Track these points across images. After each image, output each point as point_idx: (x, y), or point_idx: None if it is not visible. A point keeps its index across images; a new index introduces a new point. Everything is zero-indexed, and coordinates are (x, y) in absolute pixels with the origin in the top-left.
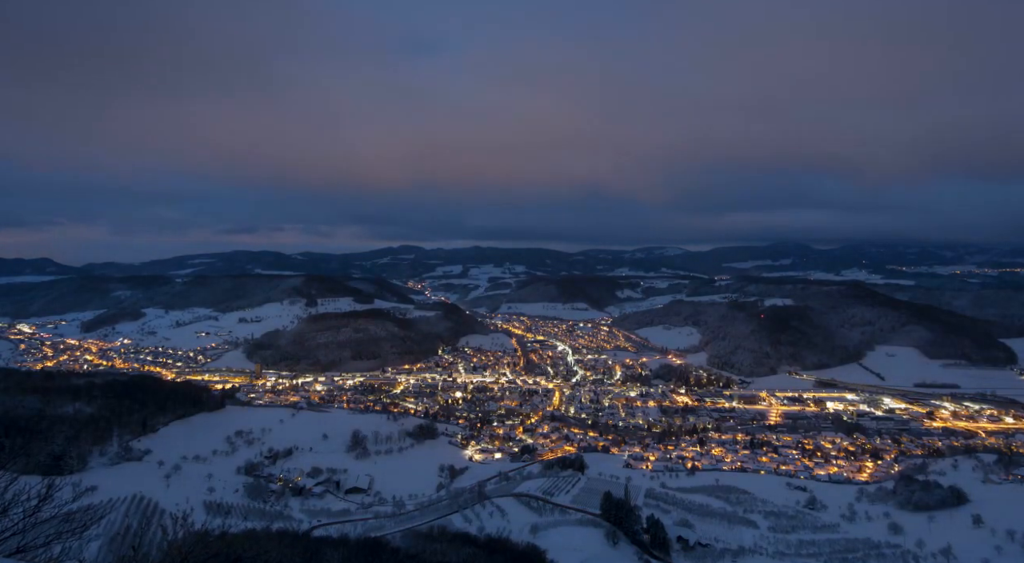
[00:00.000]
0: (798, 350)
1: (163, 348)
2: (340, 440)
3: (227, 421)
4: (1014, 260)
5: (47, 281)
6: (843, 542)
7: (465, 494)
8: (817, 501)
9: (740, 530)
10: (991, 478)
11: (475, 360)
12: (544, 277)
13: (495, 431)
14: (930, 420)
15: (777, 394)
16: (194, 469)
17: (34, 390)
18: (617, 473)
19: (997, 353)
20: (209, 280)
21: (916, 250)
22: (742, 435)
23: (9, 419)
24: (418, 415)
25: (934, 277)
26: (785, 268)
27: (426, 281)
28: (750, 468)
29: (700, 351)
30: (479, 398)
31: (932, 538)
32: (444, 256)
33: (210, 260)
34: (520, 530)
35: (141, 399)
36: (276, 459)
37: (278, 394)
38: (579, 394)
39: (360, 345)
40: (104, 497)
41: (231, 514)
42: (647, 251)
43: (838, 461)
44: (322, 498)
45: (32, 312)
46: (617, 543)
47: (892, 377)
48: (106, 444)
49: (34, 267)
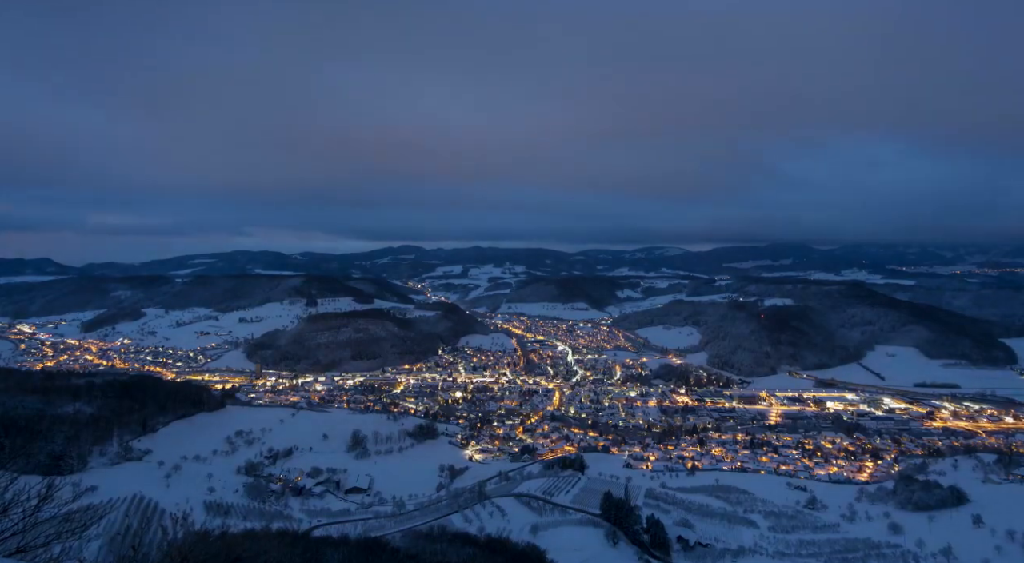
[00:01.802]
0: (798, 350)
1: (163, 348)
2: (340, 440)
3: (227, 421)
4: (1014, 260)
5: (47, 281)
6: (843, 542)
7: (465, 494)
8: (817, 501)
9: (740, 530)
10: (991, 478)
11: (475, 360)
12: (544, 277)
13: (495, 431)
14: (930, 420)
15: (777, 394)
16: (194, 469)
17: (34, 390)
18: (617, 473)
19: (997, 353)
20: (209, 280)
21: (916, 250)
22: (742, 435)
23: (9, 419)
24: (418, 415)
25: (934, 277)
26: (785, 268)
27: (426, 281)
28: (750, 468)
29: (700, 351)
30: (479, 398)
31: (932, 538)
32: (444, 256)
33: (210, 260)
34: (520, 530)
35: (141, 399)
36: (276, 459)
37: (278, 394)
38: (579, 394)
39: (360, 345)
40: (104, 497)
41: (231, 514)
42: (647, 251)
43: (838, 461)
44: (322, 498)
45: (32, 312)
46: (617, 543)
47: (892, 377)
48: (106, 444)
49: (34, 267)
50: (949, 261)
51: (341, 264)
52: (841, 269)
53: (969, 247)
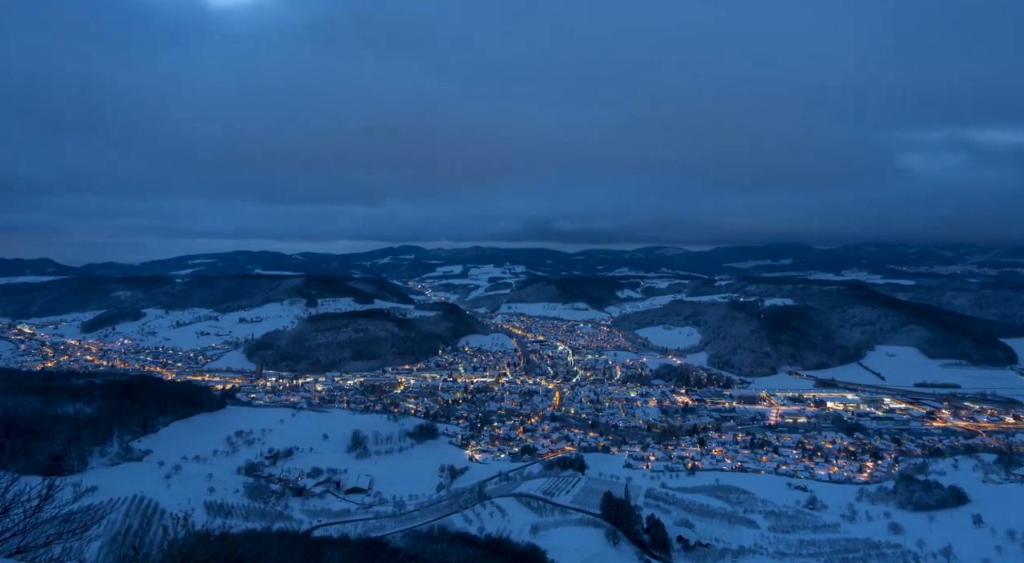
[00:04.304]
0: (798, 350)
1: (163, 348)
2: (340, 440)
3: (227, 421)
4: (1014, 260)
5: (47, 281)
6: (843, 542)
7: (465, 494)
8: (817, 501)
9: (740, 530)
10: (991, 478)
11: (475, 360)
12: (544, 277)
13: (495, 431)
14: (930, 420)
15: (777, 394)
16: (194, 469)
17: (34, 390)
18: (617, 473)
19: (997, 353)
20: (209, 280)
21: (916, 250)
22: (742, 435)
23: (9, 419)
24: (418, 415)
25: (934, 277)
26: (785, 268)
27: (426, 281)
28: (750, 468)
29: (700, 351)
30: (479, 398)
31: (932, 538)
32: (444, 256)
33: (210, 260)
34: (520, 530)
35: (141, 399)
36: (276, 459)
37: (278, 394)
38: (579, 394)
39: (360, 345)
40: (104, 497)
41: (231, 514)
42: (647, 251)
43: (838, 461)
44: (322, 498)
45: (32, 312)
46: (617, 543)
47: (892, 377)
48: (106, 444)
49: (34, 267)
50: (949, 261)
51: (341, 264)
52: (841, 269)
53: (969, 247)
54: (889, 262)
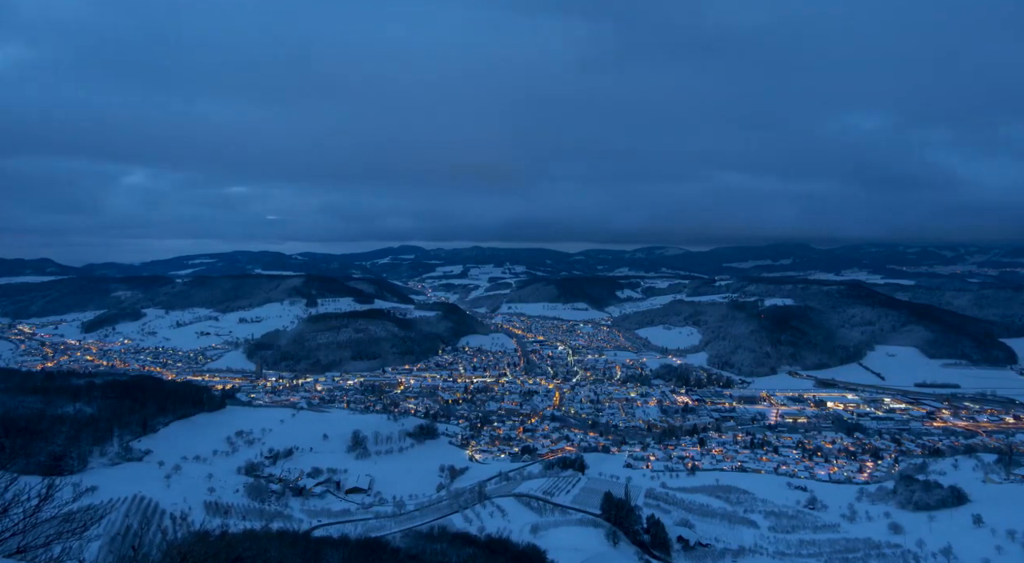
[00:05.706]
0: (798, 350)
1: (163, 348)
2: (340, 440)
3: (227, 421)
4: (1014, 260)
5: (47, 281)
6: (843, 542)
7: (465, 494)
8: (817, 501)
9: (740, 530)
10: (991, 478)
11: (475, 360)
12: (544, 277)
13: (495, 431)
14: (930, 420)
15: (777, 394)
16: (194, 469)
17: (34, 390)
18: (617, 473)
19: (997, 353)
20: (209, 280)
21: (916, 250)
22: (742, 435)
23: (9, 419)
24: (418, 415)
25: (934, 277)
26: (785, 268)
27: (426, 281)
28: (750, 468)
29: (700, 351)
30: (479, 398)
31: (932, 538)
32: (444, 256)
33: (210, 260)
34: (520, 530)
35: (141, 399)
36: (276, 459)
37: (278, 394)
38: (579, 394)
39: (360, 345)
40: (104, 497)
41: (231, 514)
42: (647, 251)
43: (838, 461)
44: (322, 498)
45: (32, 312)
46: (617, 543)
47: (892, 377)
48: (106, 444)
49: (34, 267)
50: (949, 261)
51: (341, 264)
52: (841, 269)
53: (969, 247)
54: (889, 262)
